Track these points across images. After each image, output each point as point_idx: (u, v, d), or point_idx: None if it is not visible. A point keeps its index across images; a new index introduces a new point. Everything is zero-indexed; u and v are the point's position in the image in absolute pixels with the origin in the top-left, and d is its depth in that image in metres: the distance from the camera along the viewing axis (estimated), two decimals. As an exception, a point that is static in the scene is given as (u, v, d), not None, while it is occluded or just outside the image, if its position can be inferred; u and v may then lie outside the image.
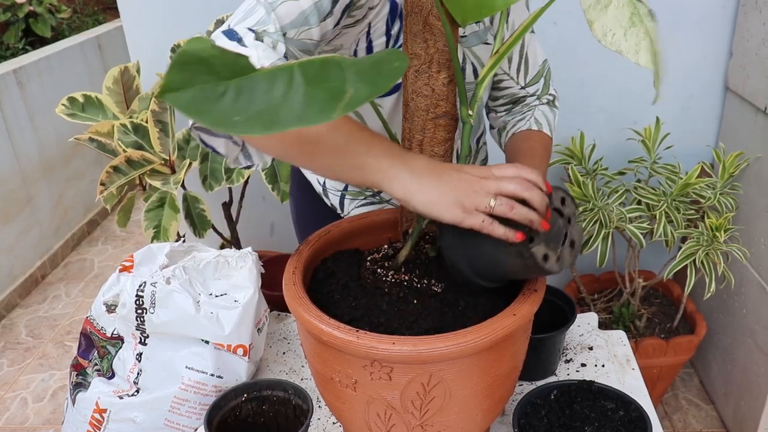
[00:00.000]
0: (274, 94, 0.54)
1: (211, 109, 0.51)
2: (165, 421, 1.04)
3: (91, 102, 1.80)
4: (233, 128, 0.51)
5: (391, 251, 0.91)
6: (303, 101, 0.53)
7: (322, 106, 0.53)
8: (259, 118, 0.52)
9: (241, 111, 0.52)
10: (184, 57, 0.52)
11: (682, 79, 1.96)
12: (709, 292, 1.73)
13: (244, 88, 0.53)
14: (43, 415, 2.26)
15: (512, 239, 0.73)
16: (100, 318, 1.08)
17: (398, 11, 0.95)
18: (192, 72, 0.52)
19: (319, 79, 0.56)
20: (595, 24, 0.64)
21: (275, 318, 1.29)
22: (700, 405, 2.14)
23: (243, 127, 0.51)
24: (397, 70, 0.59)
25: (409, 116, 0.85)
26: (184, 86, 0.51)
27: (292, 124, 0.52)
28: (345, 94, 0.54)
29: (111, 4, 5.19)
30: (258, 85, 0.54)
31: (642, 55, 0.64)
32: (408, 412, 0.77)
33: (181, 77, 0.51)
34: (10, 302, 2.85)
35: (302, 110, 0.53)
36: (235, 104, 0.52)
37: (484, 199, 0.73)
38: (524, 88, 1.19)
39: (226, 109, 0.51)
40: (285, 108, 0.53)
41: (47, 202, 3.20)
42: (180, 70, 0.51)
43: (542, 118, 1.18)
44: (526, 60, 1.16)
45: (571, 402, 0.93)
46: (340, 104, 0.53)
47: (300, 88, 0.54)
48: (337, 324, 0.76)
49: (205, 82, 0.52)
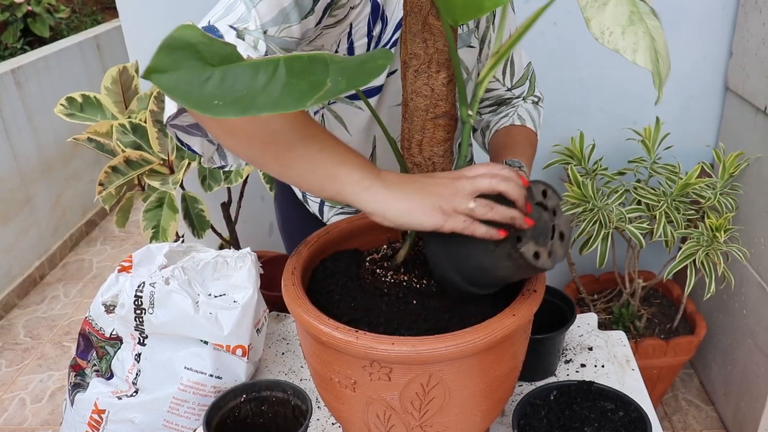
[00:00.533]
0: (256, 83, 0.54)
1: (194, 92, 0.52)
2: (164, 421, 1.03)
3: (89, 102, 1.80)
4: (212, 111, 0.52)
5: (391, 251, 0.91)
6: (282, 90, 0.54)
7: (299, 96, 0.54)
8: (236, 102, 0.52)
9: (222, 96, 0.52)
10: (173, 41, 0.53)
11: (682, 79, 1.96)
12: (709, 292, 1.73)
13: (229, 75, 0.54)
14: (41, 415, 2.26)
15: (496, 237, 0.71)
16: (98, 318, 1.08)
17: (380, 12, 0.93)
18: (179, 56, 0.52)
19: (303, 72, 0.56)
20: (592, 22, 0.63)
21: (274, 318, 1.29)
22: (700, 406, 2.14)
23: (221, 109, 0.52)
24: (380, 68, 0.59)
25: (409, 116, 0.85)
26: (170, 69, 0.52)
27: (267, 109, 0.53)
28: (324, 86, 0.55)
29: (109, 3, 5.19)
30: (242, 74, 0.55)
31: (639, 54, 0.63)
32: (407, 412, 0.77)
33: (168, 60, 0.52)
34: (8, 303, 2.85)
35: (279, 97, 0.54)
36: (218, 89, 0.53)
37: (462, 201, 0.71)
38: (510, 90, 1.20)
39: (208, 93, 0.52)
40: (264, 95, 0.54)
41: (46, 202, 3.20)
42: (168, 53, 0.52)
43: (525, 114, 1.18)
44: (511, 62, 1.17)
45: (571, 403, 0.93)
46: (317, 95, 0.53)
47: (282, 78, 0.55)
48: (337, 324, 0.75)
49: (191, 66, 0.53)
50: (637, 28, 0.64)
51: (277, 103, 0.53)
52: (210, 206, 1.75)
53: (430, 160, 0.86)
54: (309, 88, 0.54)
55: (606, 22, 0.63)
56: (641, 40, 0.63)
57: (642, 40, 0.63)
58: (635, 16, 0.64)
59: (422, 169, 0.86)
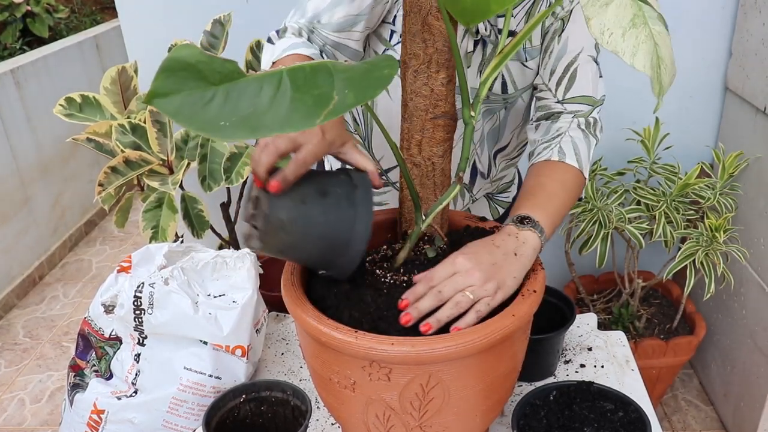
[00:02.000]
0: (261, 99, 0.54)
1: (199, 115, 0.51)
2: (163, 422, 1.03)
3: (88, 102, 1.80)
4: (220, 133, 0.51)
5: (390, 252, 0.91)
6: (289, 106, 0.54)
7: (307, 112, 0.53)
8: (244, 122, 0.52)
9: (228, 116, 0.52)
10: (172, 63, 0.52)
11: (681, 80, 1.96)
12: (709, 292, 1.73)
13: (232, 93, 0.53)
14: (40, 416, 2.25)
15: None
16: (98, 319, 1.08)
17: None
18: (180, 78, 0.52)
19: (308, 85, 0.56)
20: (592, 21, 0.63)
21: (274, 319, 1.29)
22: (700, 406, 2.14)
23: (229, 131, 0.51)
24: (386, 78, 0.59)
25: (408, 116, 0.85)
26: (171, 92, 0.51)
27: (277, 129, 0.53)
28: (331, 100, 0.54)
29: (109, 3, 5.20)
30: (246, 90, 0.54)
31: (639, 58, 0.62)
32: (407, 412, 0.77)
33: (168, 83, 0.51)
34: (7, 303, 2.85)
35: (288, 115, 0.53)
36: (223, 109, 0.52)
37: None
38: (561, 103, 1.05)
39: (213, 114, 0.51)
40: (271, 113, 0.53)
41: (45, 202, 3.20)
42: (167, 76, 0.51)
43: (569, 147, 1.00)
44: (572, 76, 1.04)
45: (570, 403, 0.93)
46: (325, 110, 0.53)
47: (287, 93, 0.55)
48: (336, 325, 0.75)
49: (193, 87, 0.52)
50: (639, 31, 0.63)
51: (286, 123, 0.53)
52: (209, 206, 1.74)
53: (429, 160, 0.86)
54: (316, 103, 0.54)
55: (607, 22, 0.63)
56: (642, 44, 0.62)
57: (643, 44, 0.63)
58: (639, 19, 0.64)
59: (421, 169, 0.86)
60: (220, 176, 1.67)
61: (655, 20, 0.65)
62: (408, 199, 0.89)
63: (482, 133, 1.13)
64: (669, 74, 0.63)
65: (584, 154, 1.01)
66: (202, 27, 1.71)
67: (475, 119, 0.79)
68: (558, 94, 1.05)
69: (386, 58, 0.64)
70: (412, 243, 0.86)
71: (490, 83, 0.78)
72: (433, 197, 0.88)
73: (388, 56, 0.66)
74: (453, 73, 0.83)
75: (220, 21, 1.71)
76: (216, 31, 1.71)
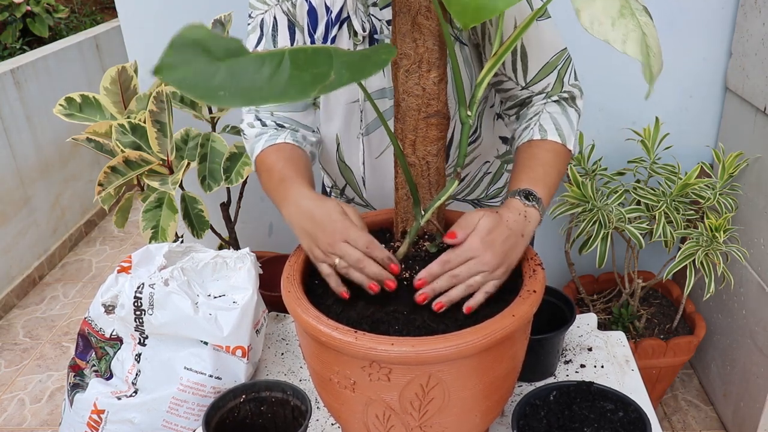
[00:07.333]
0: (261, 75, 0.57)
1: (201, 84, 0.54)
2: (163, 422, 1.03)
3: (88, 102, 1.80)
4: (217, 101, 0.54)
5: (390, 251, 0.91)
6: (287, 82, 0.57)
7: (303, 87, 0.57)
8: (242, 93, 0.55)
9: (228, 87, 0.55)
10: (181, 39, 0.55)
11: (681, 79, 1.96)
12: (709, 292, 1.73)
13: (235, 68, 0.56)
14: (40, 416, 2.25)
15: (338, 293, 0.84)
16: (98, 319, 1.08)
17: (316, 15, 1.04)
18: (188, 52, 0.54)
19: (308, 64, 0.59)
20: (582, 13, 0.64)
21: (274, 319, 1.29)
22: (700, 406, 2.14)
23: (227, 99, 0.54)
24: (383, 61, 0.63)
25: (401, 116, 0.85)
26: (179, 65, 0.53)
27: (272, 99, 0.56)
28: (328, 78, 0.58)
29: (109, 3, 5.20)
30: (248, 66, 0.57)
31: (629, 45, 0.64)
32: (407, 413, 0.77)
33: (177, 57, 0.54)
34: (7, 303, 2.85)
35: (284, 89, 0.56)
36: (224, 81, 0.55)
37: (331, 256, 0.84)
38: (526, 88, 1.03)
39: (215, 85, 0.54)
40: (269, 86, 0.56)
41: (45, 202, 3.20)
42: (176, 50, 0.54)
43: (549, 123, 1.00)
44: (523, 55, 1.00)
45: (570, 403, 0.93)
46: (321, 85, 0.57)
47: (286, 71, 0.58)
48: (336, 325, 0.75)
49: (199, 62, 0.55)
50: (627, 21, 0.64)
51: (282, 94, 0.56)
52: (209, 206, 1.74)
53: (423, 160, 0.86)
54: (313, 80, 0.57)
55: (596, 13, 0.64)
56: (632, 33, 0.64)
57: (632, 32, 0.64)
58: (626, 10, 0.65)
59: (416, 169, 0.86)
60: (220, 176, 1.67)
61: (641, 11, 0.66)
62: (404, 199, 0.89)
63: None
64: (657, 62, 0.65)
65: (566, 127, 1.00)
66: (202, 27, 1.71)
67: (472, 118, 0.79)
68: (519, 80, 1.03)
69: (385, 45, 0.66)
70: (412, 237, 0.86)
71: (486, 84, 0.78)
72: (428, 196, 0.88)
73: (386, 44, 0.68)
74: (444, 72, 0.83)
75: (221, 21, 1.71)
76: (216, 31, 1.71)
